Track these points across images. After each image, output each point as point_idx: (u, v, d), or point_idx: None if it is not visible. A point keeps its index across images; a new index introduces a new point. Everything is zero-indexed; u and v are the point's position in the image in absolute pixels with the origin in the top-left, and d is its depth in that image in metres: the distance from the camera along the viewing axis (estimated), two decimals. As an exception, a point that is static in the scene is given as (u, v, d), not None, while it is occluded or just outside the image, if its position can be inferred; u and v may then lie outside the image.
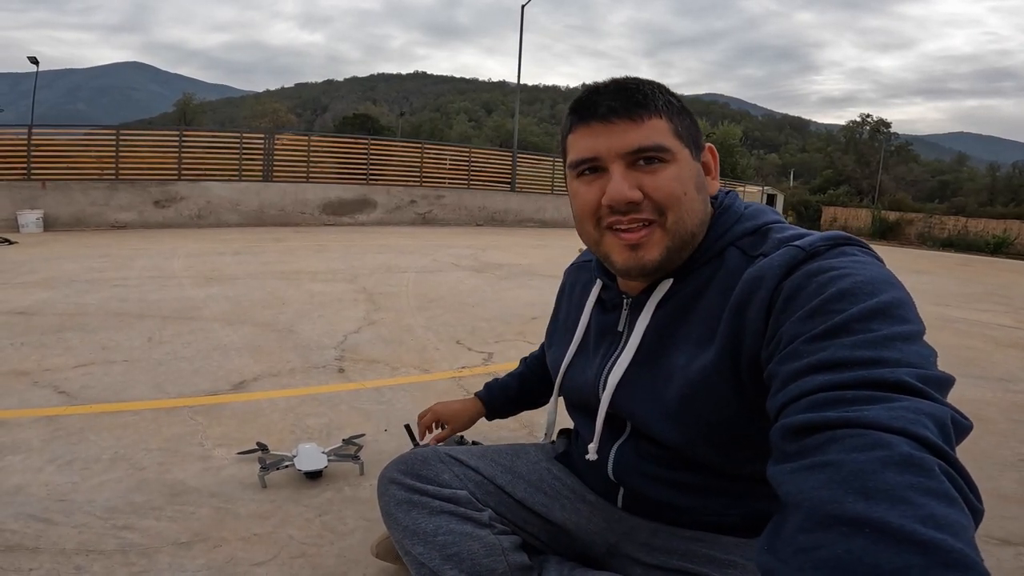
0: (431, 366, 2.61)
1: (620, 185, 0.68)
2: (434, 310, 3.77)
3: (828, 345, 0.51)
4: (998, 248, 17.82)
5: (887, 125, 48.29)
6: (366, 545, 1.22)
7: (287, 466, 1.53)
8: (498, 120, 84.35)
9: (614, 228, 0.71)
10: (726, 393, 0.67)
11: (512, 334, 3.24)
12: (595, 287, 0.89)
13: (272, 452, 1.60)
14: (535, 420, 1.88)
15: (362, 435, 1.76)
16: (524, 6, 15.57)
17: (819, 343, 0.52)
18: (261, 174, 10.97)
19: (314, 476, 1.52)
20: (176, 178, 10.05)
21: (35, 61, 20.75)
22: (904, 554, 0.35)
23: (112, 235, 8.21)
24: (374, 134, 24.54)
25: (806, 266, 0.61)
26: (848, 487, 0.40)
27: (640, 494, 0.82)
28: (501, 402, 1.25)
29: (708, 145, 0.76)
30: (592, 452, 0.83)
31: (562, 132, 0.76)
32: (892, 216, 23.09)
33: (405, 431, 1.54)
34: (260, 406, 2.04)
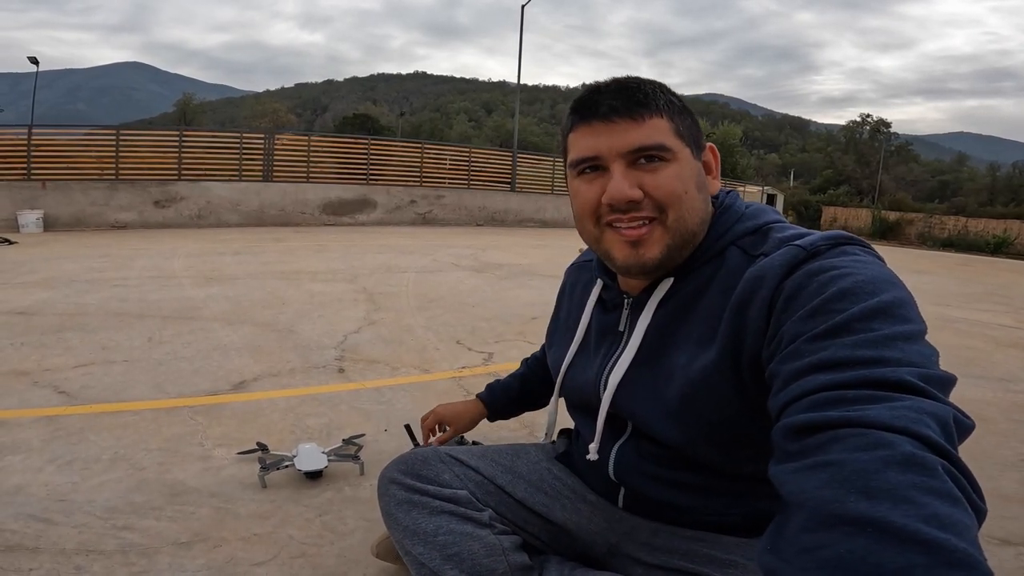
0: (431, 366, 2.61)
1: (621, 184, 0.68)
2: (434, 310, 3.77)
3: (829, 344, 0.51)
4: (998, 248, 17.82)
5: (887, 125, 48.31)
6: (366, 545, 1.22)
7: (287, 466, 1.52)
8: (498, 120, 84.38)
9: (614, 225, 0.71)
10: (727, 392, 0.67)
11: (512, 334, 3.24)
12: (596, 287, 0.89)
13: (272, 452, 1.60)
14: (535, 420, 1.88)
15: (362, 435, 1.76)
16: (524, 6, 15.58)
17: (820, 342, 0.52)
18: (261, 174, 10.97)
19: (314, 476, 1.52)
20: (176, 178, 10.05)
21: (35, 61, 20.76)
22: (907, 553, 0.35)
23: (112, 235, 8.21)
24: (374, 134, 24.55)
25: (807, 265, 0.60)
26: (851, 487, 0.40)
27: (641, 494, 0.82)
28: (503, 403, 1.25)
29: (709, 145, 0.76)
30: (593, 452, 0.83)
31: (563, 131, 0.76)
32: (892, 216, 23.10)
33: (405, 431, 1.54)
34: (260, 406, 2.04)
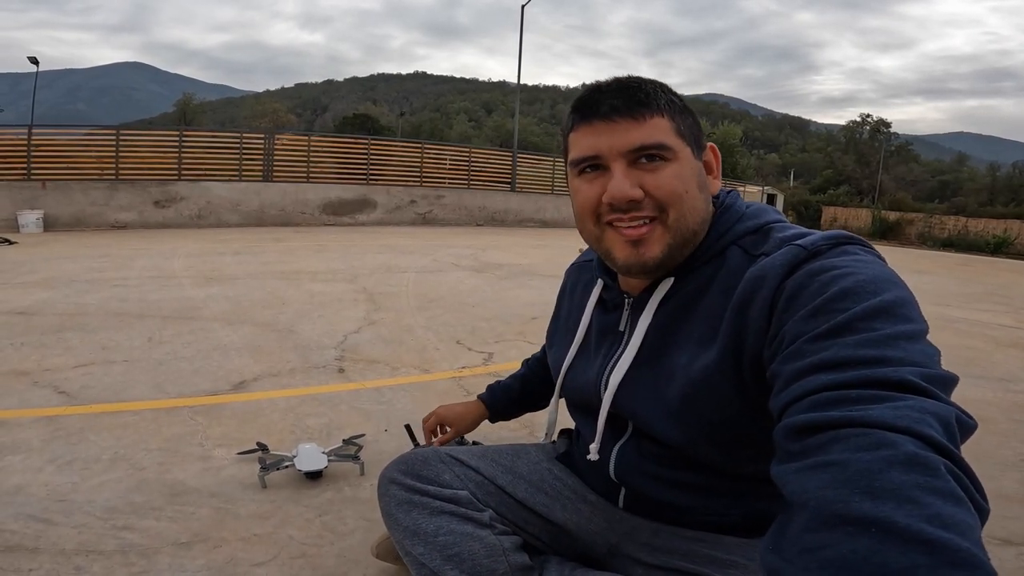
0: (431, 366, 2.61)
1: (621, 183, 0.68)
2: (434, 310, 3.77)
3: (831, 344, 0.51)
4: (998, 248, 17.82)
5: (887, 125, 48.32)
6: (366, 545, 1.22)
7: (287, 466, 1.52)
8: (498, 120, 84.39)
9: (615, 225, 0.71)
10: (728, 392, 0.67)
11: (512, 334, 3.24)
12: (596, 287, 0.89)
13: (272, 452, 1.60)
14: (536, 420, 1.88)
15: (362, 435, 1.76)
16: (524, 6, 15.57)
17: (822, 342, 0.52)
18: (261, 174, 10.97)
19: (314, 476, 1.51)
20: (176, 178, 10.05)
21: (35, 61, 20.76)
22: (911, 553, 0.35)
23: (112, 235, 8.21)
24: (374, 134, 24.55)
25: (808, 265, 0.60)
26: (853, 486, 0.39)
27: (642, 494, 0.81)
28: (503, 404, 1.25)
29: (710, 144, 0.76)
30: (594, 452, 0.83)
31: (564, 130, 0.76)
32: (892, 216, 23.09)
33: (405, 431, 1.54)
34: (260, 406, 2.04)
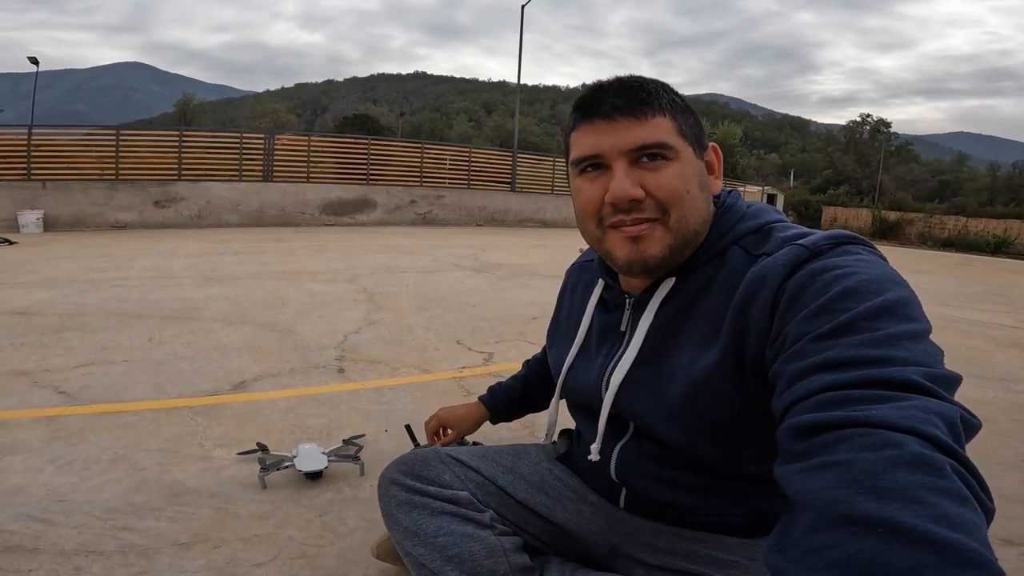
0: (431, 366, 2.61)
1: (623, 183, 0.68)
2: (434, 310, 3.77)
3: (834, 344, 0.51)
4: (998, 248, 17.82)
5: (887, 125, 48.32)
6: (366, 546, 1.21)
7: (287, 467, 1.52)
8: (498, 120, 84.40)
9: (616, 226, 0.71)
10: (729, 392, 0.67)
11: (512, 334, 3.24)
12: (597, 287, 0.88)
13: (272, 452, 1.59)
14: (536, 421, 1.88)
15: (362, 435, 1.76)
16: (524, 6, 15.58)
17: (825, 342, 0.52)
18: (261, 174, 10.97)
19: (314, 477, 1.51)
20: (176, 178, 10.05)
21: (35, 61, 20.77)
22: (918, 553, 0.35)
23: (112, 235, 8.21)
24: (374, 134, 24.54)
25: (810, 265, 0.60)
26: (859, 487, 0.39)
27: (643, 494, 0.81)
28: (504, 405, 1.25)
29: (712, 144, 0.76)
30: (595, 452, 0.83)
31: (565, 130, 0.76)
32: (892, 216, 23.09)
33: (405, 431, 1.54)
34: (260, 406, 2.04)
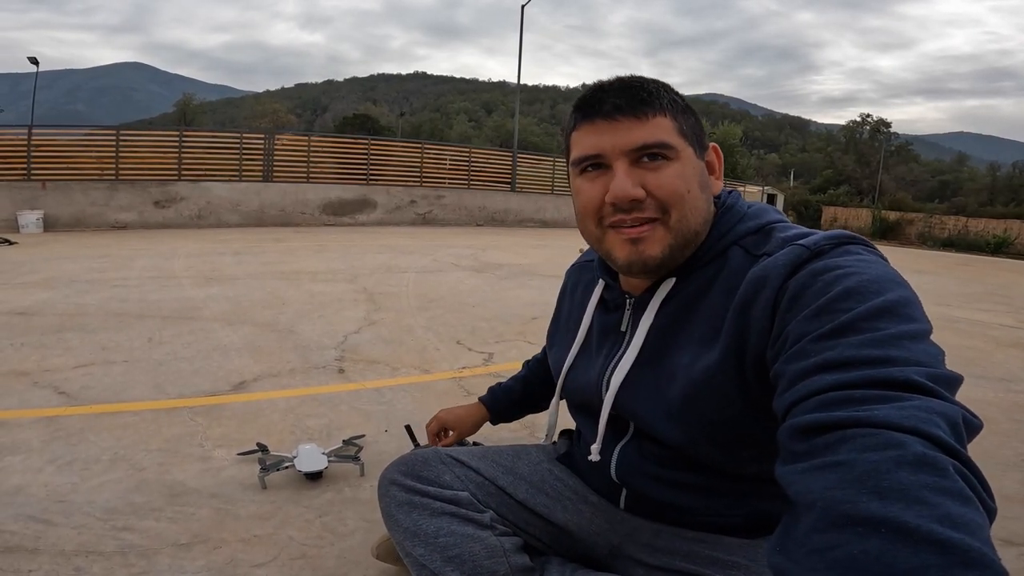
0: (431, 366, 2.61)
1: (623, 182, 0.68)
2: (434, 310, 3.76)
3: (835, 344, 0.51)
4: (998, 248, 17.81)
5: (887, 125, 48.33)
6: (366, 546, 1.21)
7: (287, 467, 1.52)
8: (498, 120, 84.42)
9: (616, 226, 0.71)
10: (730, 392, 0.66)
11: (512, 334, 3.24)
12: (597, 287, 0.88)
13: (272, 453, 1.59)
14: (536, 421, 1.88)
15: (362, 436, 1.76)
16: (524, 6, 15.57)
17: (826, 342, 0.51)
18: (261, 174, 10.97)
19: (314, 477, 1.51)
20: (176, 178, 10.05)
21: (35, 61, 20.77)
22: (921, 554, 0.35)
23: (112, 235, 8.21)
24: (374, 134, 24.55)
25: (811, 265, 0.60)
26: (862, 487, 0.39)
27: (643, 495, 0.81)
28: (505, 406, 1.25)
29: (712, 145, 0.76)
30: (595, 453, 0.82)
31: (566, 129, 0.76)
32: (892, 216, 23.09)
33: (406, 432, 1.53)
34: (260, 407, 2.04)
